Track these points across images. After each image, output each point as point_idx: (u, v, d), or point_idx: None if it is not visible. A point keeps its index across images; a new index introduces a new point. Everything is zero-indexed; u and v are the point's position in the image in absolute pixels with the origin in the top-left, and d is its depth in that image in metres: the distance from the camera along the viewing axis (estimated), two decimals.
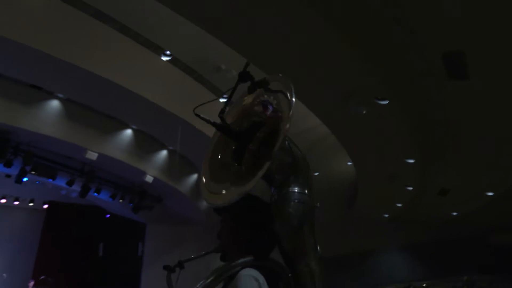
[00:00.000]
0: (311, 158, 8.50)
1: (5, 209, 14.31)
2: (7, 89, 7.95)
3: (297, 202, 1.45)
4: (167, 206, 13.83)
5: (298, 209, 1.45)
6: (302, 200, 1.46)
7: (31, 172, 9.66)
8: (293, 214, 1.44)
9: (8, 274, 12.86)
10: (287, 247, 1.46)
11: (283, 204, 1.45)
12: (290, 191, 1.46)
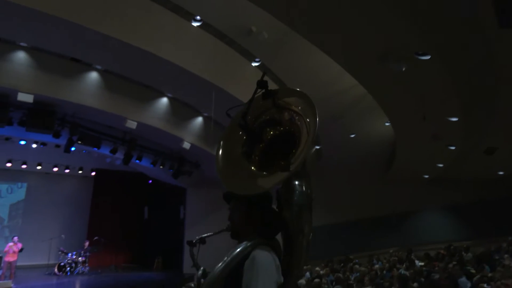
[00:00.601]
0: (346, 121, 8.30)
1: (58, 177, 15.45)
2: (50, 63, 8.29)
3: (299, 193, 1.75)
4: (204, 171, 14.27)
5: (300, 199, 1.74)
6: (303, 192, 1.76)
7: (77, 142, 10.23)
8: (296, 202, 1.74)
9: (66, 235, 14.11)
10: (289, 228, 1.74)
11: (289, 195, 1.75)
12: (294, 184, 1.75)
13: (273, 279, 1.61)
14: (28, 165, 13.78)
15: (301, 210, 1.76)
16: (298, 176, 1.78)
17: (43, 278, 12.05)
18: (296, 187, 1.77)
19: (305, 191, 1.77)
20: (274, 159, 1.76)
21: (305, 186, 1.78)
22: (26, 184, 15.19)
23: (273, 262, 1.65)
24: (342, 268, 9.56)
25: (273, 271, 1.63)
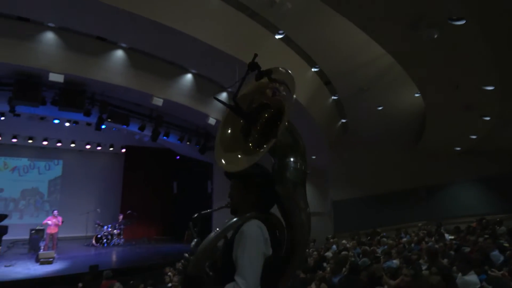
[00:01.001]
0: (373, 92, 8.08)
1: (91, 154, 16.10)
2: (77, 43, 8.46)
3: (293, 169, 1.81)
4: None
5: (293, 175, 1.80)
6: (297, 168, 1.81)
7: (107, 120, 10.55)
8: (290, 179, 1.80)
9: (101, 209, 14.83)
10: (285, 204, 1.81)
11: (282, 171, 1.81)
12: (288, 161, 1.81)
13: (260, 250, 1.66)
14: (63, 143, 14.40)
15: (295, 185, 1.81)
16: (291, 152, 1.83)
17: (82, 249, 12.83)
18: (289, 164, 1.81)
19: (299, 167, 1.82)
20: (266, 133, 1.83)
21: (299, 162, 1.83)
22: (62, 161, 15.95)
23: (261, 234, 1.69)
24: (369, 241, 9.58)
25: (260, 243, 1.67)
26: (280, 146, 1.81)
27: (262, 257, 1.67)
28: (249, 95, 1.90)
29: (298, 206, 1.83)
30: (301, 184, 1.84)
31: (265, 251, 1.69)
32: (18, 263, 9.96)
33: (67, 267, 9.83)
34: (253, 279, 1.60)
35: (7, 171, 14.83)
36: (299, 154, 1.86)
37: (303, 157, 1.87)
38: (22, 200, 15.05)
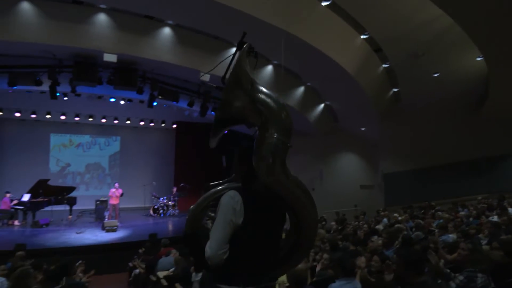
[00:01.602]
0: (429, 58, 7.56)
1: (145, 130, 16.93)
2: (127, 22, 8.75)
3: (270, 143, 1.79)
4: None
5: (271, 149, 1.79)
6: (275, 142, 1.79)
7: (158, 97, 10.96)
8: (268, 152, 1.79)
9: (156, 181, 15.72)
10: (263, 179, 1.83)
11: (260, 144, 1.82)
12: (266, 134, 1.81)
13: (227, 217, 1.80)
14: (119, 120, 15.27)
15: (273, 160, 1.81)
16: (268, 126, 1.83)
17: (141, 219, 13.80)
18: (265, 139, 1.82)
19: (274, 141, 1.80)
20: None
21: (274, 135, 1.81)
22: (119, 138, 16.98)
23: (231, 204, 1.81)
24: (422, 215, 9.25)
25: (228, 211, 1.80)
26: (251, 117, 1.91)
27: (228, 224, 1.79)
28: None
29: (278, 181, 1.85)
30: (278, 158, 1.82)
31: (232, 219, 1.80)
32: (87, 230, 10.99)
33: (129, 235, 10.66)
34: (215, 242, 1.77)
35: (72, 148, 16.13)
36: (278, 125, 1.84)
37: (283, 129, 1.85)
38: (87, 174, 16.38)
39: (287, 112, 1.91)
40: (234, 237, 1.81)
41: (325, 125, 14.93)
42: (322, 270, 4.21)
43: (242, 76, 1.92)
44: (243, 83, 1.92)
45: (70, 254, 7.71)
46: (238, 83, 1.92)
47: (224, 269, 1.81)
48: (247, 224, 1.81)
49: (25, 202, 11.62)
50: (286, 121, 1.88)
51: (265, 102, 1.89)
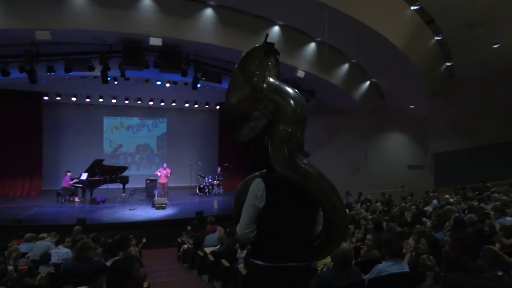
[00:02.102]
0: (488, 27, 6.93)
1: (190, 111, 17.39)
2: (170, 6, 8.89)
3: (279, 135, 1.94)
4: (321, 99, 14.11)
5: (280, 141, 1.94)
6: (283, 134, 1.93)
7: (202, 79, 11.14)
8: (281, 142, 1.94)
9: (201, 162, 16.21)
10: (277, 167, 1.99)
11: (272, 137, 1.98)
12: (276, 127, 1.96)
13: (250, 201, 2.04)
14: (165, 102, 15.78)
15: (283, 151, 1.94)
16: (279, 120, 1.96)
17: (188, 197, 14.38)
18: (275, 131, 1.96)
19: (283, 134, 1.93)
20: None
21: (286, 128, 1.93)
22: (166, 119, 17.61)
23: (255, 190, 2.04)
24: (476, 197, 8.74)
25: (252, 197, 2.04)
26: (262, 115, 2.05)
27: (252, 208, 2.03)
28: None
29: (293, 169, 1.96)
30: (289, 147, 1.94)
31: (255, 203, 2.02)
32: (139, 207, 11.67)
33: (177, 212, 11.18)
34: (242, 222, 2.06)
35: (123, 129, 17.01)
36: (286, 120, 1.94)
37: (292, 122, 1.95)
38: (137, 154, 17.26)
39: (296, 103, 1.98)
40: (259, 219, 2.03)
41: (371, 103, 14.39)
42: (367, 251, 4.16)
43: (251, 75, 2.06)
44: (251, 81, 2.05)
45: (124, 229, 8.27)
46: (247, 81, 2.07)
47: (255, 246, 2.08)
48: (268, 208, 2.01)
49: (84, 180, 12.54)
50: (294, 114, 1.97)
51: (272, 98, 1.99)
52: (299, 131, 1.98)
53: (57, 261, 4.92)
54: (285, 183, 2.00)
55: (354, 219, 6.61)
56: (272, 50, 2.15)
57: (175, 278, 6.46)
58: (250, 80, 2.05)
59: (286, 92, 2.00)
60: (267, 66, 2.09)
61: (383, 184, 14.02)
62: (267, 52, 2.12)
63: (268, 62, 2.11)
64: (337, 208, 2.01)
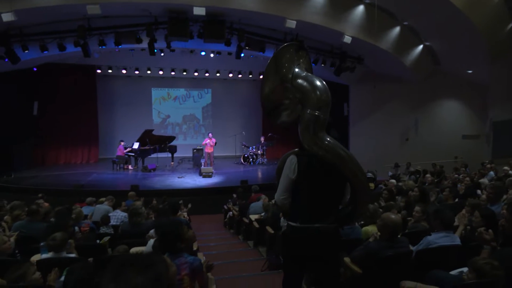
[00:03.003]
0: None
1: (234, 82, 17.45)
2: None
3: (304, 118, 2.37)
4: (368, 66, 13.47)
5: (306, 122, 2.37)
6: (309, 117, 2.36)
7: (245, 48, 11.03)
8: (307, 124, 2.36)
9: (245, 132, 16.40)
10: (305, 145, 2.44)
11: (302, 119, 2.40)
12: (303, 111, 2.40)
13: (285, 173, 2.48)
14: (210, 73, 15.94)
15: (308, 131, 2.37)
16: (306, 106, 2.39)
17: (233, 166, 14.73)
18: (304, 115, 2.40)
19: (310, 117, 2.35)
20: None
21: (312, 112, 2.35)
22: (210, 90, 17.86)
23: (290, 164, 2.46)
24: None
25: (287, 170, 2.47)
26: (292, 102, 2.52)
27: (286, 179, 2.47)
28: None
29: (316, 144, 2.36)
30: (316, 129, 2.35)
31: (289, 175, 2.45)
32: (187, 176, 12.19)
33: (223, 181, 11.55)
34: (278, 190, 2.53)
35: (170, 100, 17.55)
36: (312, 104, 2.35)
37: (316, 105, 2.35)
38: (184, 125, 17.82)
39: (320, 91, 2.37)
40: (294, 189, 2.45)
41: (424, 69, 13.49)
42: (415, 223, 4.05)
43: (280, 67, 2.51)
44: (280, 72, 2.50)
45: (174, 196, 8.71)
46: (276, 73, 2.52)
47: (291, 211, 2.50)
48: (300, 179, 2.41)
49: (136, 149, 13.26)
50: (319, 100, 2.36)
51: (300, 87, 2.43)
52: (323, 114, 2.35)
53: (115, 223, 5.35)
54: (313, 159, 2.40)
55: (402, 190, 6.42)
56: (302, 47, 2.61)
57: (222, 243, 6.77)
58: (279, 72, 2.49)
59: (312, 81, 2.39)
60: (296, 60, 2.53)
61: (434, 155, 13.38)
62: (297, 48, 2.58)
63: (298, 57, 2.56)
64: (358, 179, 2.40)
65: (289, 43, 2.58)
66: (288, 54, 2.53)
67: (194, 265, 2.44)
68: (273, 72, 2.52)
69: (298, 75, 2.44)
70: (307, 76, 2.44)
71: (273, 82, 2.52)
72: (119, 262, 0.92)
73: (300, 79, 2.42)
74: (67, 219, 4.31)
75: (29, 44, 10.09)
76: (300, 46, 2.59)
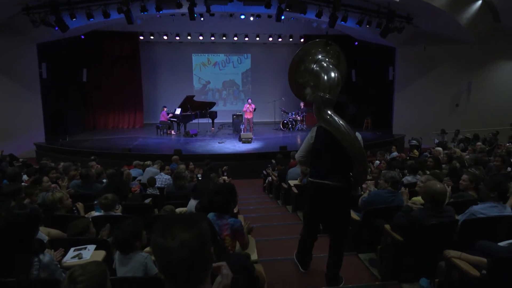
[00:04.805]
0: None
1: (273, 46, 17.08)
2: None
3: (316, 98, 3.07)
4: (418, 26, 12.55)
5: (317, 101, 3.04)
6: (321, 98, 3.01)
7: (286, 10, 10.66)
8: (317, 103, 3.05)
9: (285, 97, 16.19)
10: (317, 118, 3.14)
11: (316, 99, 3.05)
12: (316, 93, 3.09)
13: (307, 138, 3.20)
14: (249, 37, 15.68)
15: (319, 108, 3.04)
16: (320, 88, 3.07)
17: (272, 132, 14.76)
18: (315, 96, 3.09)
19: (320, 97, 3.02)
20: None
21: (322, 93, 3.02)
22: (250, 55, 17.65)
23: (311, 132, 3.18)
24: None
25: (308, 136, 3.19)
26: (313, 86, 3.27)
27: (307, 142, 3.17)
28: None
29: (324, 120, 3.01)
30: (324, 106, 3.01)
31: (309, 140, 3.15)
32: (227, 141, 12.42)
33: (262, 146, 11.64)
34: (299, 150, 3.25)
35: (210, 66, 17.61)
36: (324, 88, 3.03)
37: (326, 88, 3.02)
38: (223, 91, 17.93)
39: (330, 79, 3.04)
40: (311, 151, 3.13)
41: (481, 28, 12.33)
42: (462, 191, 3.88)
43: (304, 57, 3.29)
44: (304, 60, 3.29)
45: (214, 160, 8.95)
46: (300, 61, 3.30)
47: (310, 169, 3.23)
48: (315, 144, 3.11)
49: (178, 115, 13.63)
50: (328, 84, 3.02)
51: (316, 73, 3.17)
52: (331, 95, 2.99)
53: (160, 185, 5.64)
54: (328, 130, 3.01)
55: (451, 158, 6.14)
56: (330, 44, 3.29)
57: (262, 207, 6.93)
58: (303, 60, 3.28)
59: (326, 70, 3.09)
60: (322, 52, 3.26)
61: (488, 122, 12.55)
62: (327, 43, 3.29)
63: (325, 51, 3.27)
64: (355, 150, 2.94)
65: (319, 40, 3.29)
66: (315, 48, 3.27)
67: (235, 226, 2.54)
68: (297, 60, 3.29)
69: (318, 64, 3.19)
70: (323, 65, 3.15)
71: (297, 68, 3.33)
72: (167, 220, 0.99)
73: (317, 67, 3.18)
74: (121, 181, 4.61)
75: (76, 12, 10.43)
76: (326, 42, 3.29)
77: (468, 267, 2.33)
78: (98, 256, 2.51)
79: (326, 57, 3.21)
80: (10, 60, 11.85)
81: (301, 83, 3.35)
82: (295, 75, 3.32)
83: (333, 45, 3.30)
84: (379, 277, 3.24)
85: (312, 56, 3.21)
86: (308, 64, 3.21)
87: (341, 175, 2.99)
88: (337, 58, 3.31)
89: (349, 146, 2.91)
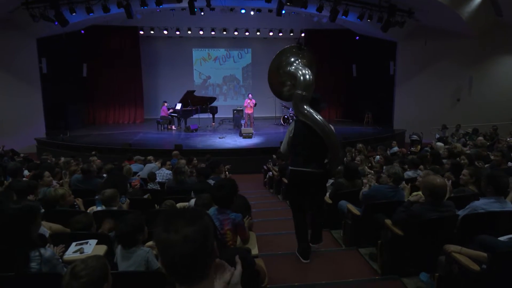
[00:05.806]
0: None
1: (274, 40, 16.98)
2: None
3: (298, 96, 3.52)
4: (419, 20, 12.49)
5: (295, 98, 3.53)
6: (299, 96, 3.51)
7: (287, 4, 10.61)
8: (295, 99, 3.53)
9: None
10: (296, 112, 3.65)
11: (295, 96, 3.54)
12: (296, 91, 3.55)
13: (287, 132, 3.60)
14: (250, 32, 15.61)
15: (296, 104, 3.52)
16: (298, 86, 3.55)
17: (273, 127, 14.75)
18: (295, 93, 3.55)
19: (298, 94, 3.51)
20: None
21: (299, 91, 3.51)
22: (250, 50, 17.58)
23: (290, 127, 3.61)
24: None
25: (288, 130, 3.61)
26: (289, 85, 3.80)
27: (288, 135, 3.56)
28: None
29: (303, 114, 3.48)
30: (304, 104, 3.48)
31: (289, 134, 3.55)
32: (228, 136, 12.41)
33: (263, 141, 11.64)
34: (283, 144, 3.64)
35: (211, 61, 17.56)
36: (301, 87, 3.51)
37: (303, 87, 3.51)
38: (224, 86, 17.89)
39: (305, 78, 3.53)
40: (291, 143, 3.54)
41: (483, 22, 12.25)
42: (462, 186, 3.89)
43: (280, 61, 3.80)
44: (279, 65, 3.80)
45: (215, 155, 8.96)
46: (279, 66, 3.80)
47: (291, 159, 3.64)
48: (295, 137, 3.51)
49: (178, 110, 13.61)
50: (305, 83, 3.51)
51: (292, 73, 3.68)
52: (307, 92, 3.49)
53: (160, 180, 5.64)
54: (305, 124, 3.44)
55: (452, 153, 6.13)
56: (302, 48, 3.85)
57: (262, 201, 6.95)
58: (279, 65, 3.80)
59: (301, 70, 3.58)
60: (295, 56, 3.76)
61: (489, 116, 12.51)
62: (298, 48, 3.84)
63: (298, 54, 3.78)
64: (330, 140, 3.40)
65: (292, 46, 3.83)
66: (289, 53, 3.78)
67: (236, 221, 2.55)
68: (276, 65, 3.81)
69: (293, 66, 3.70)
70: (298, 66, 3.67)
71: (277, 71, 3.83)
72: (170, 215, 0.99)
73: (293, 69, 3.68)
74: (120, 176, 4.62)
75: (76, 7, 10.39)
76: (299, 47, 3.85)
77: (468, 261, 2.33)
78: (99, 250, 2.52)
79: (301, 60, 3.74)
80: (10, 55, 11.82)
81: (279, 82, 3.87)
82: (275, 78, 3.88)
83: (305, 49, 3.86)
84: (380, 272, 3.26)
85: (287, 60, 3.75)
86: (285, 67, 3.74)
87: (317, 162, 3.46)
88: (309, 60, 3.81)
89: (326, 136, 3.38)
